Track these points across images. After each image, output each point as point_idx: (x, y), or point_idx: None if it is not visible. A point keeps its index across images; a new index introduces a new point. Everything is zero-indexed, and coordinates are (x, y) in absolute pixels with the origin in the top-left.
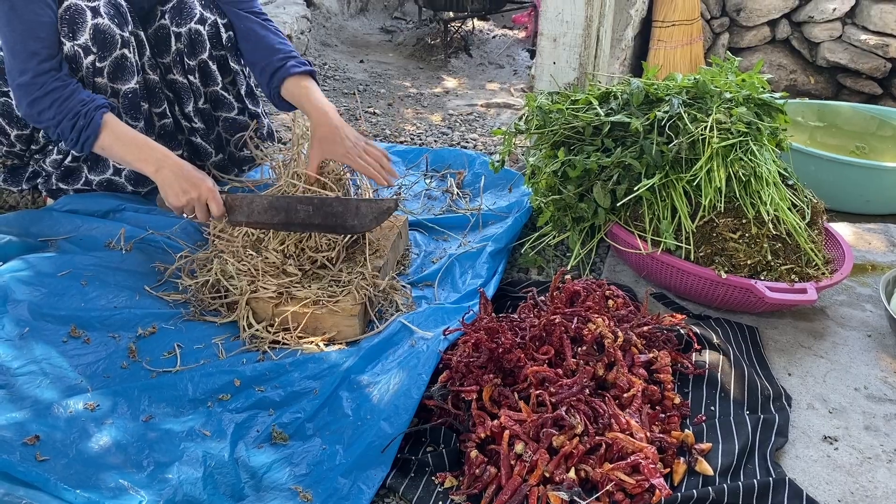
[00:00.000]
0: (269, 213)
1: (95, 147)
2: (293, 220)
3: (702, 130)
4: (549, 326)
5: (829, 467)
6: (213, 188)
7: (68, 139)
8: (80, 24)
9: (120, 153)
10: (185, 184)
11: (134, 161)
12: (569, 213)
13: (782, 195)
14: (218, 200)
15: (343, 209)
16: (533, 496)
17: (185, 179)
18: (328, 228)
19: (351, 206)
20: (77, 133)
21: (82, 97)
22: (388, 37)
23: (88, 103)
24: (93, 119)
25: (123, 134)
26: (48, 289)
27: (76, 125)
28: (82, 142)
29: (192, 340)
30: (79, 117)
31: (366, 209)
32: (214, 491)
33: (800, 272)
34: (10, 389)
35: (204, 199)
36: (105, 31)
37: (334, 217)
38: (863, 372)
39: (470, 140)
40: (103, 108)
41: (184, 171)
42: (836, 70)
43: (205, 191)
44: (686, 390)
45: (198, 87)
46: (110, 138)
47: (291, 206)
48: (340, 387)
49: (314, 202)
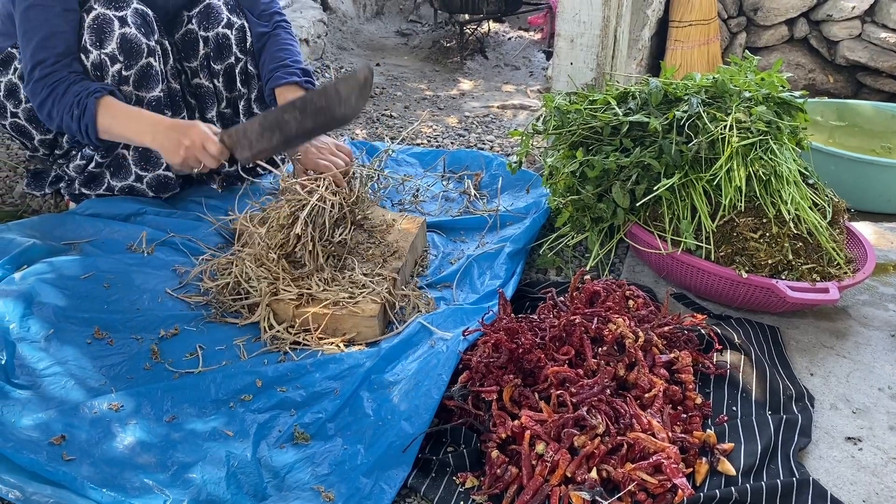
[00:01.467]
0: (266, 136)
1: (99, 133)
2: (288, 133)
3: (721, 130)
4: (570, 327)
5: (853, 468)
6: (203, 130)
7: (74, 132)
8: (108, 34)
9: (120, 132)
10: (178, 135)
11: (133, 136)
12: (587, 214)
13: (803, 194)
14: (213, 139)
15: (326, 101)
16: (555, 496)
17: (176, 132)
18: (323, 127)
19: (331, 94)
20: (77, 123)
21: (76, 89)
22: (403, 40)
23: (81, 93)
24: (86, 106)
25: (118, 112)
26: (72, 291)
27: (74, 115)
28: (84, 130)
29: (213, 342)
30: (73, 107)
31: (345, 90)
32: (238, 491)
33: (821, 271)
34: (36, 390)
35: (199, 143)
36: (132, 41)
37: (322, 113)
38: (886, 372)
39: (486, 142)
40: (96, 92)
41: (174, 125)
42: (855, 68)
43: (197, 135)
44: (707, 390)
45: (221, 92)
46: (107, 120)
47: (280, 119)
48: (361, 387)
49: (297, 105)
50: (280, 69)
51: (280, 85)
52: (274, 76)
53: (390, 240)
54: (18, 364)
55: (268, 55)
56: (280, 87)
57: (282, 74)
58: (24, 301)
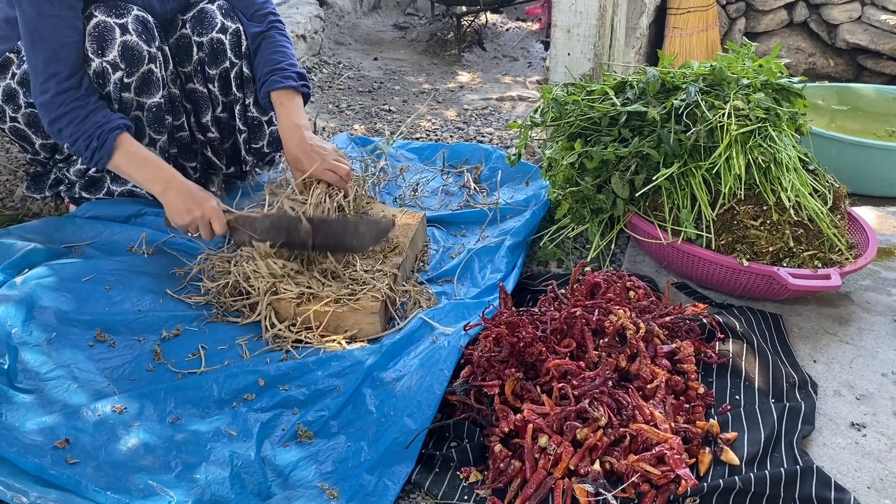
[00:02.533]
0: (272, 232)
1: (108, 166)
2: (294, 239)
3: (720, 118)
4: (570, 319)
5: (857, 454)
6: (216, 208)
7: (83, 157)
8: (109, 41)
9: (130, 173)
10: (190, 203)
11: (143, 181)
12: (587, 205)
13: (803, 181)
14: (221, 219)
15: (342, 230)
16: (558, 489)
17: (189, 199)
18: (328, 248)
19: (350, 227)
20: (91, 153)
21: (98, 119)
22: (401, 33)
23: (104, 125)
24: (106, 141)
25: (135, 155)
26: (73, 294)
27: (90, 146)
28: (95, 161)
29: (215, 342)
30: (93, 139)
31: (364, 230)
32: (242, 490)
33: (823, 258)
34: (39, 394)
35: (207, 218)
36: (133, 48)
37: (334, 237)
38: (890, 357)
39: (486, 134)
40: (117, 129)
41: (189, 191)
42: (856, 52)
43: (208, 210)
44: (710, 380)
45: (216, 96)
46: (123, 159)
47: (293, 225)
48: (363, 384)
49: (314, 222)
50: (276, 72)
51: (276, 89)
52: (269, 80)
53: (390, 235)
54: (21, 368)
55: (262, 57)
56: (276, 91)
57: (277, 78)
58: (25, 305)
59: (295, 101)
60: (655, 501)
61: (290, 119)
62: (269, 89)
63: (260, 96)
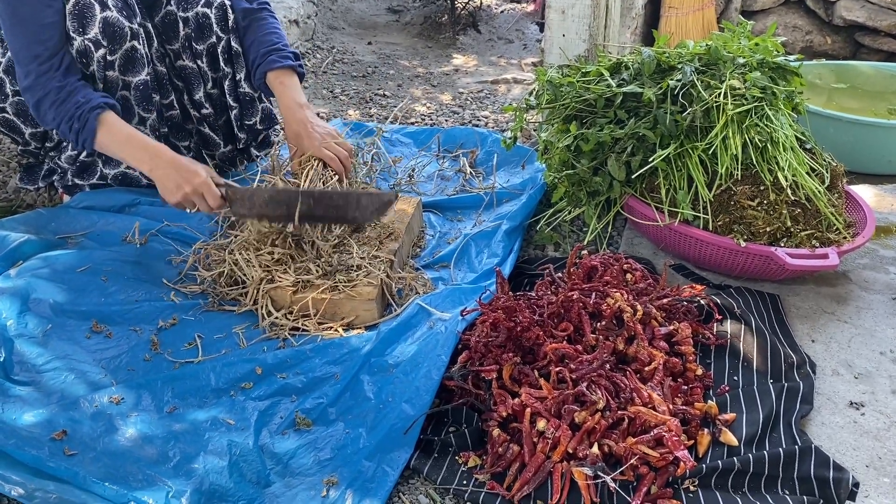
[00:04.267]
0: (271, 206)
1: (95, 147)
2: (293, 212)
3: (716, 97)
4: (568, 303)
5: (855, 433)
6: (206, 180)
7: (70, 141)
8: (90, 18)
9: (116, 152)
10: (179, 178)
11: (130, 160)
12: (583, 188)
13: (800, 160)
14: (213, 192)
15: (344, 202)
16: (556, 472)
17: (178, 174)
18: (330, 220)
19: (352, 199)
20: (74, 135)
21: (78, 99)
22: (395, 17)
23: (83, 105)
24: (87, 121)
25: (119, 133)
26: (68, 285)
27: (73, 127)
28: (81, 143)
29: (212, 330)
30: (74, 120)
31: (367, 202)
32: (241, 479)
33: (821, 237)
34: (36, 386)
35: (199, 191)
36: (114, 24)
37: (336, 209)
38: (888, 335)
39: (481, 118)
40: (98, 108)
41: (177, 166)
42: (853, 29)
43: (198, 183)
44: (708, 361)
45: (206, 72)
46: (106, 139)
47: (293, 199)
48: (361, 371)
49: (315, 195)
50: (272, 52)
51: (275, 69)
52: (266, 60)
53: (386, 221)
54: (17, 360)
55: (256, 38)
56: (275, 70)
57: (275, 58)
58: (20, 297)
59: (294, 80)
60: (654, 483)
61: (292, 98)
62: (266, 69)
63: (255, 77)
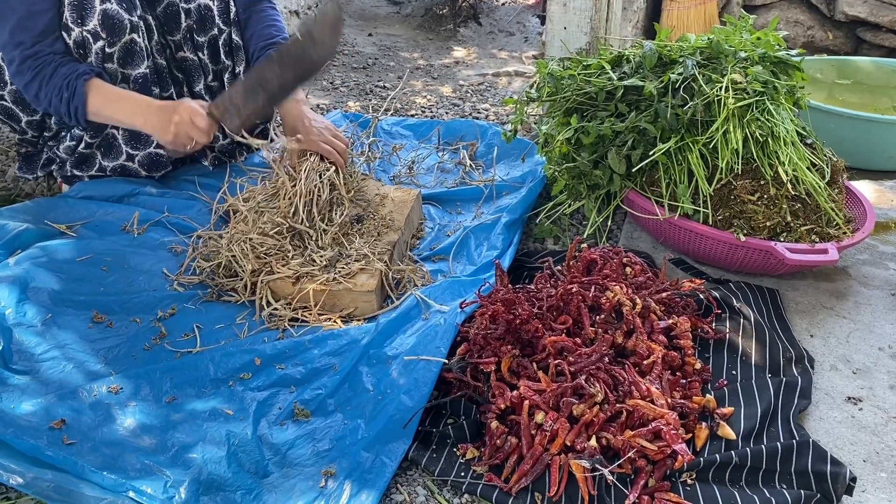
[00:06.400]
0: (251, 97)
1: (89, 115)
2: (271, 89)
3: (717, 91)
4: (567, 296)
5: (853, 428)
6: (192, 106)
7: (63, 114)
8: (89, 10)
9: (110, 114)
10: (166, 115)
11: (123, 118)
12: (584, 181)
13: (801, 155)
14: (200, 113)
15: (301, 48)
16: (555, 465)
17: (164, 111)
18: (304, 74)
19: (305, 40)
20: (66, 105)
21: (64, 71)
22: (395, 8)
23: (70, 75)
24: (76, 88)
25: (108, 93)
26: (67, 275)
27: (63, 98)
28: (73, 112)
29: (211, 321)
30: (63, 90)
31: (318, 32)
32: (239, 469)
33: (820, 232)
34: (34, 375)
35: (188, 118)
36: (114, 16)
37: (299, 60)
38: (887, 331)
39: (482, 110)
40: (84, 74)
41: (162, 106)
42: (855, 24)
43: (184, 111)
44: (707, 355)
45: (206, 64)
46: (98, 101)
47: (261, 77)
48: (360, 362)
49: (273, 59)
50: (272, 47)
51: None
52: (265, 53)
53: (385, 213)
54: (16, 350)
55: (256, 31)
56: None
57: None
58: (19, 286)
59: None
60: (652, 477)
61: None
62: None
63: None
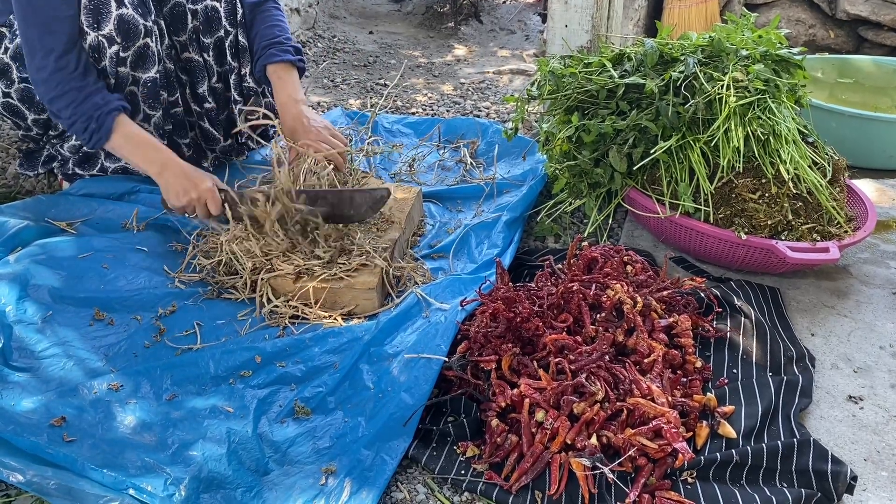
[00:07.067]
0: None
1: (105, 147)
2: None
3: (718, 90)
4: (568, 294)
5: (854, 427)
6: (211, 188)
7: (81, 138)
8: (105, 14)
9: (127, 154)
10: (186, 184)
11: (140, 162)
12: (584, 179)
13: (802, 153)
14: (216, 200)
15: (338, 201)
16: (555, 463)
17: (185, 180)
18: (326, 219)
19: (345, 197)
20: (89, 134)
21: (97, 101)
22: (396, 6)
23: (102, 107)
24: (104, 123)
25: (132, 136)
26: (67, 272)
27: (88, 127)
28: (93, 142)
29: (212, 318)
30: (91, 121)
31: (360, 199)
32: (239, 467)
33: (822, 231)
34: (35, 373)
35: (203, 199)
36: (129, 22)
37: (331, 209)
38: (888, 330)
39: (482, 108)
40: (115, 111)
41: (185, 173)
42: (856, 23)
43: (203, 191)
44: (707, 354)
45: (211, 66)
46: (120, 141)
47: None
48: (360, 360)
49: (309, 195)
50: (273, 46)
51: (273, 62)
52: (267, 53)
53: (386, 211)
54: (16, 347)
55: (259, 30)
56: (273, 64)
57: (275, 52)
58: (19, 283)
59: (292, 75)
60: (652, 475)
61: (288, 93)
62: (266, 63)
63: (255, 69)
